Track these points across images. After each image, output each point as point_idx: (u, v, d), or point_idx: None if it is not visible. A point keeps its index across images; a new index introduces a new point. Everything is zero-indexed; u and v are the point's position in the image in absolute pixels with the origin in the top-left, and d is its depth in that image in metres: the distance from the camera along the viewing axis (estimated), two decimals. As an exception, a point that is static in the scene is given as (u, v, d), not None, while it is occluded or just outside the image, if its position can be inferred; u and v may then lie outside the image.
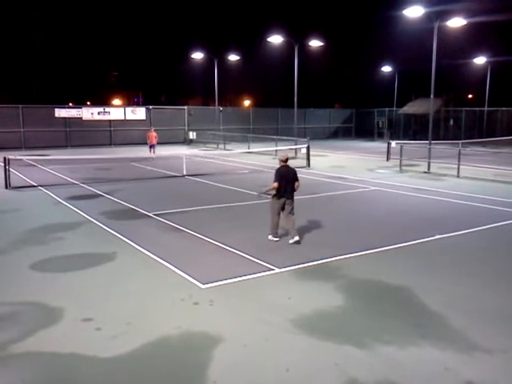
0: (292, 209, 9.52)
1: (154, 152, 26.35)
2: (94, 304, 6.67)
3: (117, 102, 69.05)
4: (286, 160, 9.59)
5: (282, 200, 9.41)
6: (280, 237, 9.74)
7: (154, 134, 27.44)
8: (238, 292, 7.07)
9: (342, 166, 23.12)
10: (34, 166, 22.57)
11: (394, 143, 25.94)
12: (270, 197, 9.76)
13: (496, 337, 5.70)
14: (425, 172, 20.62)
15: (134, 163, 23.64)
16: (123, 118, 37.38)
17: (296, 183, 9.52)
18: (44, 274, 7.90)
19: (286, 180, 9.38)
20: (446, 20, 22.04)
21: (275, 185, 9.32)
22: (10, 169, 16.89)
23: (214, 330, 5.82)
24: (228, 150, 32.04)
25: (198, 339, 5.65)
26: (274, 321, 6.11)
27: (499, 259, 8.77)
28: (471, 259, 8.74)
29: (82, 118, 35.79)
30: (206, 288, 7.15)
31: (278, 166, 9.72)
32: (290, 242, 9.44)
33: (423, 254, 9.00)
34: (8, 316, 6.29)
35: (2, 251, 9.11)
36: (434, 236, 10.06)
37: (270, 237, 9.71)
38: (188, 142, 38.47)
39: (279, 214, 9.55)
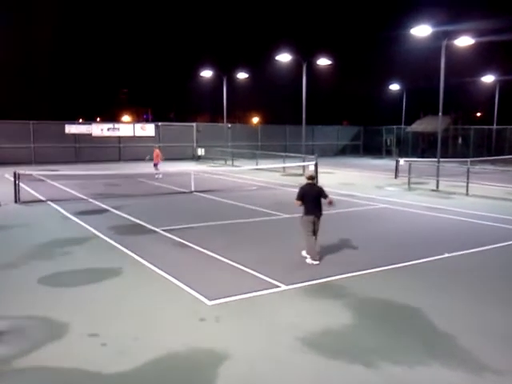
0: (318, 229, 9.44)
1: (157, 169, 24.53)
2: (101, 319, 6.64)
3: (126, 118, 69.71)
4: (311, 178, 9.69)
5: (311, 218, 9.31)
6: (320, 259, 9.36)
7: (157, 151, 25.20)
8: (245, 309, 7.02)
9: (351, 184, 23.07)
10: (43, 181, 22.73)
11: (402, 161, 25.90)
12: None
13: (506, 357, 5.60)
14: (433, 190, 20.52)
15: (142, 179, 23.74)
16: (132, 135, 37.67)
17: (327, 199, 9.51)
18: (51, 289, 7.90)
19: (309, 197, 9.36)
20: (454, 39, 22.13)
21: (295, 202, 9.42)
22: (20, 183, 17.03)
23: (221, 347, 5.77)
24: (236, 166, 32.12)
25: (205, 356, 5.60)
26: (282, 338, 6.05)
27: (508, 278, 8.65)
28: (480, 278, 8.63)
29: (91, 134, 36.12)
30: (213, 304, 7.11)
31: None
32: (308, 261, 9.28)
33: (432, 272, 8.91)
34: (14, 330, 6.28)
35: (11, 265, 9.13)
36: (443, 254, 9.97)
37: (308, 260, 9.32)
38: (196, 159, 38.64)
39: (312, 232, 9.34)
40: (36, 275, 8.46)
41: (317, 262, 9.24)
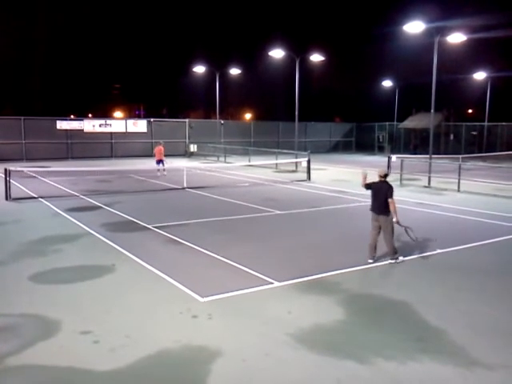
0: (387, 228, 9.00)
1: (163, 169, 23.81)
2: (93, 316, 6.62)
3: (118, 114, 69.32)
4: (385, 176, 9.41)
5: (373, 215, 9.17)
6: (374, 258, 9.13)
7: (160, 147, 24.38)
8: (238, 305, 7.03)
9: (343, 180, 23.12)
10: (34, 177, 22.59)
11: (394, 157, 25.92)
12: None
13: (496, 352, 5.65)
14: (425, 186, 20.62)
15: (134, 175, 23.65)
16: (124, 131, 37.51)
17: (389, 200, 8.93)
18: (43, 286, 7.86)
19: (375, 195, 9.21)
20: (447, 35, 22.18)
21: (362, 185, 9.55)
22: (11, 180, 16.91)
23: (213, 344, 5.78)
24: (229, 162, 32.10)
25: (197, 353, 5.61)
26: (274, 335, 6.07)
27: (499, 274, 8.72)
28: (471, 274, 8.69)
29: (83, 130, 35.94)
30: (205, 301, 7.11)
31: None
32: (390, 261, 9.11)
33: (424, 268, 8.96)
34: (6, 328, 6.25)
35: (2, 263, 9.07)
36: (435, 250, 10.03)
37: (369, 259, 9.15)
38: (189, 155, 38.56)
39: (375, 231, 9.14)
40: (27, 273, 8.42)
41: (371, 261, 9.06)
